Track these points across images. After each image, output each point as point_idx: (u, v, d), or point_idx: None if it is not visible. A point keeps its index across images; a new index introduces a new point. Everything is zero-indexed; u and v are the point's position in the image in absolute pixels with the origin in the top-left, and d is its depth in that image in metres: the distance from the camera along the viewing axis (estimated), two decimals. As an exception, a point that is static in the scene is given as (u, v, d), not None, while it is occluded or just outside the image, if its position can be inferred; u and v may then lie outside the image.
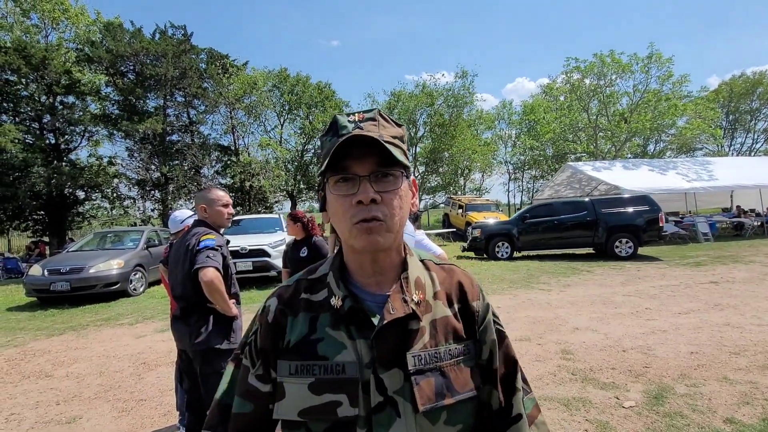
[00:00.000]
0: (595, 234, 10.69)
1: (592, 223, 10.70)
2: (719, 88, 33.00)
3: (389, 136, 0.67)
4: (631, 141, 24.58)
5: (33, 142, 16.90)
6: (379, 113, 0.69)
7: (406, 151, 0.72)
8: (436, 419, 0.65)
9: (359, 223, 0.65)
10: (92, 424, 3.10)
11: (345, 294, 0.68)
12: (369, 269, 0.71)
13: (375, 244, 0.66)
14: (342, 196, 0.66)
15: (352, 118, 0.68)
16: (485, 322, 0.75)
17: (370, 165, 0.65)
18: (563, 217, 10.99)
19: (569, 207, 11.26)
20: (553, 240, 11.11)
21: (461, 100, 25.10)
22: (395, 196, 0.66)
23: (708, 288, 6.53)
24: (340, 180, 0.66)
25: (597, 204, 10.95)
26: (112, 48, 17.77)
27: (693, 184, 15.00)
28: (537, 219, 11.15)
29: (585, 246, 11.13)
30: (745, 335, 4.21)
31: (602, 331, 4.58)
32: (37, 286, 7.94)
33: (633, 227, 10.48)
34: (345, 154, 0.65)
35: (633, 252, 10.39)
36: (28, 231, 19.00)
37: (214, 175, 22.06)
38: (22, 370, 4.41)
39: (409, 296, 0.68)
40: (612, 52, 22.08)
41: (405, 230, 0.72)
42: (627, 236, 10.48)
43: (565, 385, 3.29)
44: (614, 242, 10.51)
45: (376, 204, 0.65)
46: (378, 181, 0.65)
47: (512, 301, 6.30)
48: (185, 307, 2.17)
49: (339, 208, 0.67)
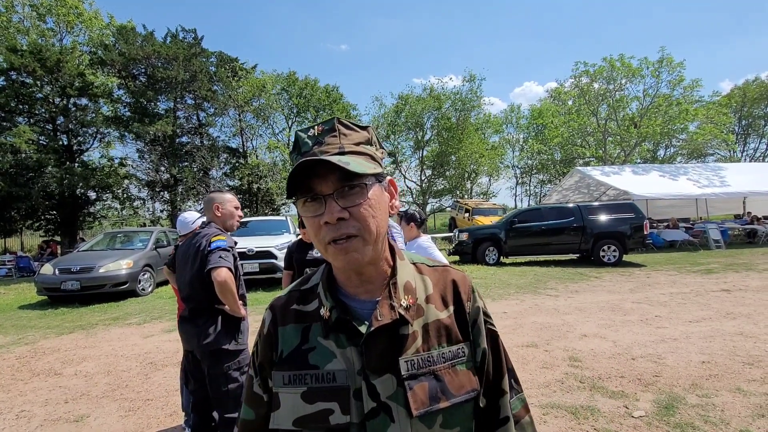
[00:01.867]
0: (582, 240, 10.66)
1: (579, 229, 10.67)
2: (732, 92, 32.49)
3: (352, 144, 0.67)
4: (641, 146, 24.30)
5: (46, 143, 17.23)
6: (338, 122, 0.68)
7: (375, 154, 0.70)
8: (432, 423, 0.65)
9: (331, 244, 0.64)
10: (99, 423, 3.12)
11: (332, 305, 0.68)
12: (356, 280, 0.71)
13: (354, 262, 0.65)
14: (311, 218, 0.66)
15: (312, 132, 0.68)
16: (477, 322, 0.74)
17: (333, 182, 0.64)
18: (551, 222, 10.88)
19: (556, 212, 11.15)
20: (540, 245, 10.97)
21: (469, 104, 25.08)
22: (365, 207, 0.65)
23: (720, 296, 6.41)
24: (307, 200, 0.66)
25: (584, 210, 10.95)
26: (125, 51, 18.09)
27: (704, 190, 14.78)
28: (525, 224, 10.98)
29: (572, 252, 11.06)
30: (759, 345, 4.12)
31: (611, 339, 4.52)
32: (48, 284, 8.06)
33: (618, 234, 10.54)
34: (308, 174, 0.64)
35: (618, 259, 10.44)
36: (41, 230, 19.34)
37: (223, 177, 22.29)
38: (32, 367, 4.47)
39: (397, 302, 0.68)
40: (622, 56, 21.92)
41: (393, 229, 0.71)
42: (613, 243, 10.52)
43: (573, 392, 3.24)
44: (600, 248, 10.53)
45: (346, 220, 0.64)
46: (344, 197, 0.64)
47: (519, 307, 6.24)
48: (193, 308, 2.19)
49: (311, 229, 0.67)
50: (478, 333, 0.74)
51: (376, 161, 0.70)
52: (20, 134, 15.10)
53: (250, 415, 0.76)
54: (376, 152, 0.71)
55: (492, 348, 0.76)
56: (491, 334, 0.76)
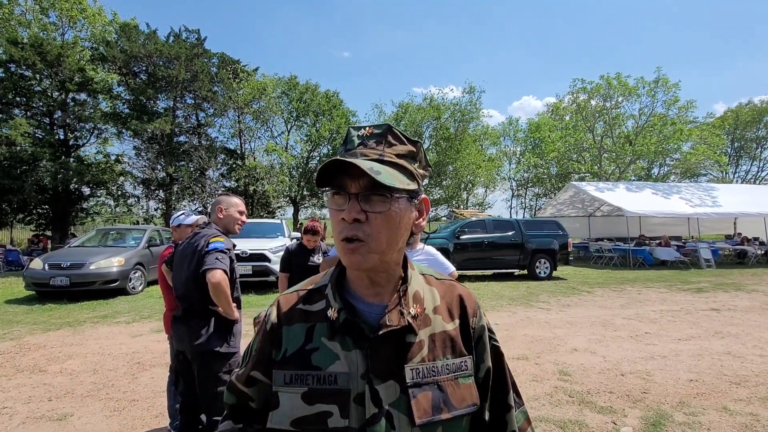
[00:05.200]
0: (521, 255, 10.81)
1: (520, 244, 10.81)
2: (725, 114, 33.12)
3: (393, 155, 0.68)
4: (636, 163, 24.63)
5: (43, 137, 17.07)
6: (389, 130, 0.69)
7: (415, 171, 0.71)
8: None
9: (344, 241, 0.66)
10: (83, 423, 3.07)
11: (341, 306, 0.69)
12: (366, 282, 0.72)
13: (356, 264, 0.67)
14: (335, 210, 0.68)
15: (363, 132, 0.69)
16: (482, 338, 0.76)
17: (361, 185, 0.65)
18: (495, 236, 10.81)
19: (499, 226, 11.15)
20: (484, 260, 10.76)
21: (468, 115, 25.31)
22: (382, 217, 0.66)
23: (709, 315, 6.47)
24: (335, 194, 0.68)
25: (523, 225, 11.19)
26: (127, 48, 18.08)
27: (696, 210, 14.97)
28: (471, 237, 10.68)
29: (513, 267, 11.06)
30: (746, 365, 4.16)
31: (601, 354, 4.54)
32: (37, 280, 7.94)
33: (550, 250, 10.94)
34: (343, 170, 0.66)
35: (549, 273, 10.83)
36: (32, 224, 19.08)
37: (219, 178, 22.21)
38: (16, 363, 4.39)
39: (406, 309, 0.69)
40: (619, 74, 22.30)
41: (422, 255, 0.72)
42: (546, 258, 10.85)
43: (562, 407, 3.25)
44: (536, 263, 10.79)
45: (360, 223, 0.65)
46: (367, 201, 0.66)
47: (510, 319, 6.26)
48: (187, 308, 2.18)
49: (332, 221, 0.69)
50: (482, 349, 0.75)
51: (415, 178, 0.70)
52: (16, 126, 14.95)
53: (231, 400, 0.78)
54: (418, 169, 0.72)
55: (497, 364, 0.78)
56: (495, 350, 0.78)
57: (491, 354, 0.77)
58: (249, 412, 0.76)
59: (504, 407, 0.77)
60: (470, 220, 11.63)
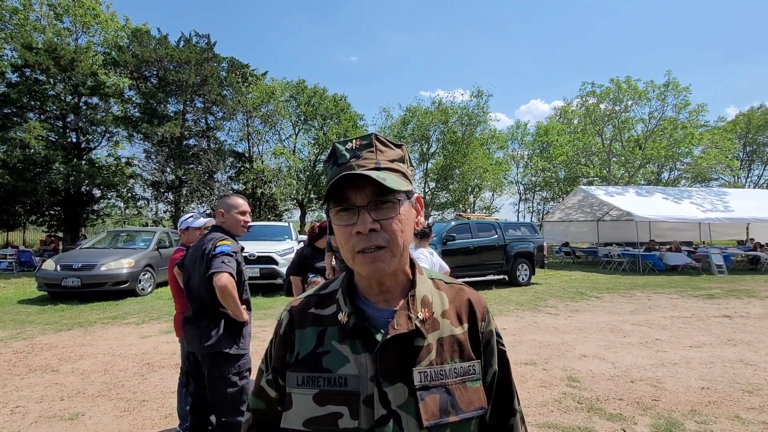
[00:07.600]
0: (504, 259, 10.38)
1: (502, 248, 10.40)
2: (737, 118, 32.66)
3: (387, 161, 0.70)
4: (645, 167, 24.36)
5: (55, 140, 17.41)
6: (376, 138, 0.71)
7: (407, 171, 0.73)
8: None
9: (360, 253, 0.67)
10: (94, 422, 3.11)
11: (351, 310, 0.71)
12: (376, 288, 0.73)
13: (379, 272, 0.68)
14: (343, 226, 0.68)
15: (350, 145, 0.71)
16: (490, 344, 0.77)
17: (367, 195, 0.67)
18: (479, 239, 10.25)
19: (483, 229, 10.55)
20: (469, 265, 10.10)
21: (475, 119, 25.28)
22: (395, 221, 0.68)
23: (721, 322, 6.36)
24: (341, 210, 0.68)
25: (504, 227, 10.79)
26: (138, 53, 18.37)
27: (708, 215, 14.75)
28: (457, 241, 10.05)
29: (498, 273, 10.56)
30: (759, 373, 4.08)
31: (610, 360, 4.49)
32: (49, 280, 8.08)
33: (529, 254, 10.69)
34: (345, 185, 0.67)
35: (528, 278, 10.56)
36: (44, 226, 19.42)
37: (228, 181, 22.39)
38: (29, 363, 4.46)
39: (414, 314, 0.70)
40: (628, 78, 22.11)
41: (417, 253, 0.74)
42: (525, 262, 10.58)
43: (571, 413, 3.22)
44: (517, 268, 10.47)
45: (377, 232, 0.66)
46: (377, 209, 0.67)
47: (518, 324, 6.21)
48: (198, 309, 2.21)
49: (341, 237, 0.69)
50: (490, 354, 0.76)
51: (408, 179, 0.73)
52: (30, 130, 15.28)
53: (260, 405, 0.80)
54: (407, 170, 0.74)
55: (503, 368, 0.79)
56: (501, 355, 0.79)
57: (499, 358, 0.78)
58: (276, 418, 0.75)
59: (509, 411, 0.79)
60: (457, 223, 10.88)
